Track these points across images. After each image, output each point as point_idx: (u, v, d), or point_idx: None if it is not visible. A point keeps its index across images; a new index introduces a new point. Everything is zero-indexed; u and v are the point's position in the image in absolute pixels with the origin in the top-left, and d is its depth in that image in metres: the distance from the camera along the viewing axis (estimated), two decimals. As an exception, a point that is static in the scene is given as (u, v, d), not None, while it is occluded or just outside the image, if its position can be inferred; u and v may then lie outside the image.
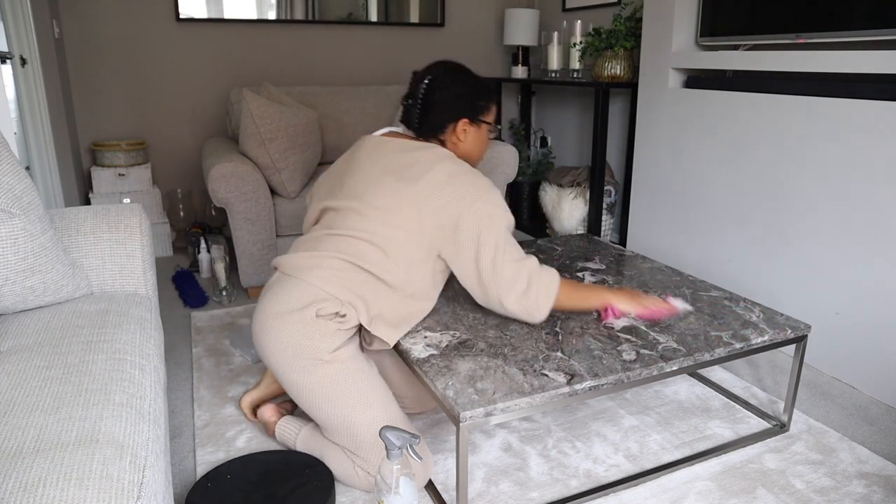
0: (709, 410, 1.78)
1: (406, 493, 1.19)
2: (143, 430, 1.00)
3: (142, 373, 1.18)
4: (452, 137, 1.56)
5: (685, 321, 1.57)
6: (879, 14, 1.74)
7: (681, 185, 2.47)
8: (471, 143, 1.59)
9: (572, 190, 3.09)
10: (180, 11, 3.11)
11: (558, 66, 3.29)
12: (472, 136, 1.58)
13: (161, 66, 3.16)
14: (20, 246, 1.27)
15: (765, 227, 2.14)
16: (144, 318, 1.43)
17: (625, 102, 3.16)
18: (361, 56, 3.53)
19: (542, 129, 3.82)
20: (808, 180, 1.97)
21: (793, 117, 1.99)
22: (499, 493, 1.44)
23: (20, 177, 1.30)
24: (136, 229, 1.60)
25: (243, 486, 1.36)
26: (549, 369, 1.33)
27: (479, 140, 1.60)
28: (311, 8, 3.33)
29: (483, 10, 3.74)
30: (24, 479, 0.82)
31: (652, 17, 2.49)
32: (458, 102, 1.54)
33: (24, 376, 1.09)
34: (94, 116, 3.12)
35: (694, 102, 2.36)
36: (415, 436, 1.19)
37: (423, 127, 1.55)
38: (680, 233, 2.51)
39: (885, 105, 1.72)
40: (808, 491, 1.44)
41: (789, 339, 1.56)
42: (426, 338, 1.46)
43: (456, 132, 1.56)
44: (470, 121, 1.56)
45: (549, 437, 1.64)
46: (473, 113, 1.56)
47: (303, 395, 1.40)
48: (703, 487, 1.46)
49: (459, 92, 1.54)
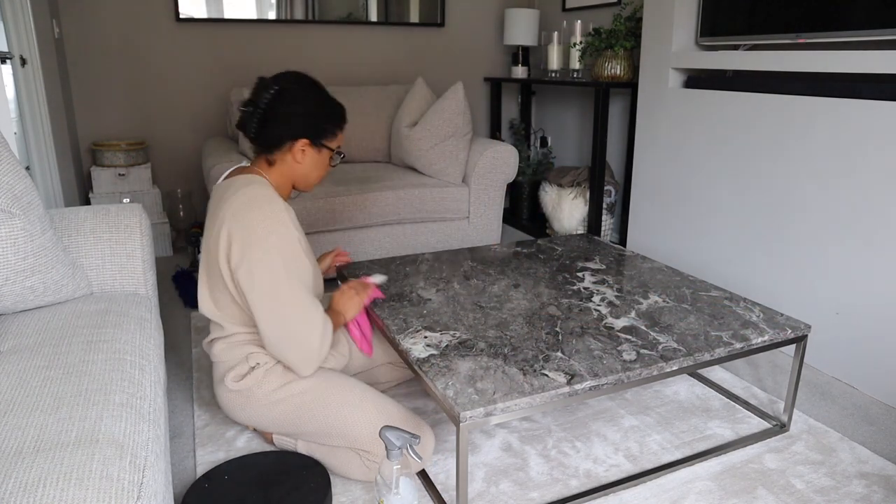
0: (709, 410, 1.78)
1: (406, 493, 1.19)
2: (143, 430, 1.00)
3: (142, 373, 1.18)
4: (288, 156, 1.45)
5: (685, 321, 1.57)
6: (879, 14, 1.74)
7: (681, 185, 2.47)
8: (307, 167, 1.47)
9: (572, 190, 3.09)
10: (180, 11, 3.11)
11: (558, 66, 3.29)
12: (311, 159, 1.47)
13: (161, 66, 3.16)
14: (20, 246, 1.27)
15: (765, 227, 2.13)
16: (144, 318, 1.43)
17: (625, 102, 3.15)
18: (361, 56, 3.53)
19: (542, 129, 3.82)
20: (808, 180, 1.97)
21: (793, 117, 1.99)
22: (499, 493, 1.43)
23: (20, 177, 1.30)
24: (136, 229, 1.60)
25: (241, 486, 1.36)
26: (549, 369, 1.33)
27: (317, 165, 1.49)
28: (311, 8, 3.33)
29: (483, 10, 3.74)
30: (24, 479, 0.82)
31: (652, 17, 2.49)
32: (303, 120, 1.42)
33: (24, 376, 1.09)
34: (94, 116, 3.12)
35: (694, 102, 2.36)
36: (415, 436, 1.19)
37: (259, 138, 1.44)
38: (680, 233, 2.51)
39: (885, 105, 1.72)
40: (808, 491, 1.44)
41: (789, 339, 1.56)
42: (426, 338, 1.46)
43: (293, 151, 1.44)
44: (311, 142, 1.44)
45: (549, 437, 1.64)
46: (317, 135, 1.45)
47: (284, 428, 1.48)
48: (703, 487, 1.46)
49: (306, 110, 1.42)
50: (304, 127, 1.43)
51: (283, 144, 1.44)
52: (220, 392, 1.52)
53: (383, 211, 2.70)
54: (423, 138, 2.83)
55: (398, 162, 3.12)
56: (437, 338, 1.46)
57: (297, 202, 2.56)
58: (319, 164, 1.49)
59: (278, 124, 1.41)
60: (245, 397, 1.46)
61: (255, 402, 1.46)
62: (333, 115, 1.47)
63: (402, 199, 2.72)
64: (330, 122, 1.47)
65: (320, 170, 1.51)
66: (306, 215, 2.56)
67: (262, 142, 1.45)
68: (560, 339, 1.47)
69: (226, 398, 1.51)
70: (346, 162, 3.18)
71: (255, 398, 1.45)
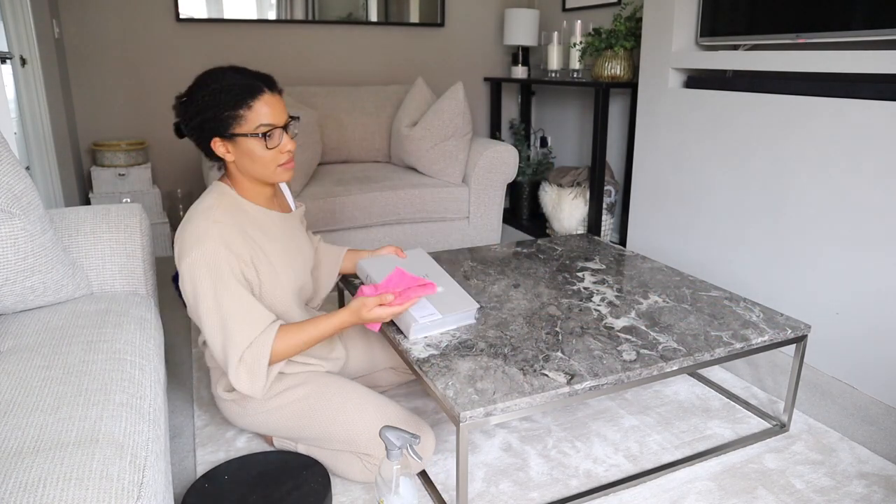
0: (709, 410, 1.78)
1: (406, 493, 1.19)
2: (143, 430, 1.00)
3: (142, 373, 1.18)
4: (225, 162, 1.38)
5: (685, 321, 1.57)
6: (879, 14, 1.74)
7: (681, 185, 2.47)
8: (243, 161, 1.34)
9: (572, 190, 3.09)
10: (180, 11, 3.11)
11: (558, 66, 3.29)
12: (236, 153, 1.34)
13: (161, 66, 3.16)
14: (20, 246, 1.27)
15: (765, 227, 2.13)
16: (144, 318, 1.43)
17: (625, 102, 3.16)
18: (361, 56, 3.53)
19: (542, 129, 3.82)
20: (808, 180, 1.97)
21: (793, 117, 1.99)
22: (499, 493, 1.43)
23: (20, 177, 1.30)
24: (136, 229, 1.60)
25: (241, 486, 1.36)
26: (549, 369, 1.33)
27: (250, 155, 1.33)
28: (311, 8, 3.33)
29: (483, 10, 3.74)
30: (24, 479, 0.82)
31: (652, 17, 2.49)
32: (200, 123, 1.31)
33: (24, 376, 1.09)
34: (94, 116, 3.12)
35: (694, 102, 2.36)
36: (415, 436, 1.19)
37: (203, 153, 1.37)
38: (680, 233, 2.51)
39: (885, 105, 1.72)
40: (808, 491, 1.44)
41: (789, 339, 1.56)
42: (426, 337, 1.46)
43: (220, 154, 1.35)
44: (221, 139, 1.32)
45: (549, 437, 1.64)
46: (220, 128, 1.31)
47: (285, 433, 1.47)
48: (703, 487, 1.46)
49: (201, 106, 1.29)
50: (206, 126, 1.31)
51: (209, 150, 1.35)
52: (216, 399, 1.52)
53: (383, 211, 2.70)
54: (423, 138, 2.83)
55: (398, 162, 3.12)
56: (437, 338, 1.46)
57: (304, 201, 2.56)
58: (253, 154, 1.33)
59: (193, 133, 1.34)
60: (241, 406, 1.46)
61: (251, 410, 1.46)
62: (229, 97, 1.29)
63: (402, 199, 2.72)
64: (226, 107, 1.29)
65: (261, 158, 1.33)
66: (306, 215, 2.56)
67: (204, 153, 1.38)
68: (560, 339, 1.47)
69: (222, 406, 1.51)
70: (347, 162, 3.18)
71: (250, 407, 1.45)
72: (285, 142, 1.36)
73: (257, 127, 1.31)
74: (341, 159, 3.16)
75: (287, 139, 1.37)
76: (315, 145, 2.70)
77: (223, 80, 1.30)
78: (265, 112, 1.31)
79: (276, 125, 1.33)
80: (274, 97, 1.34)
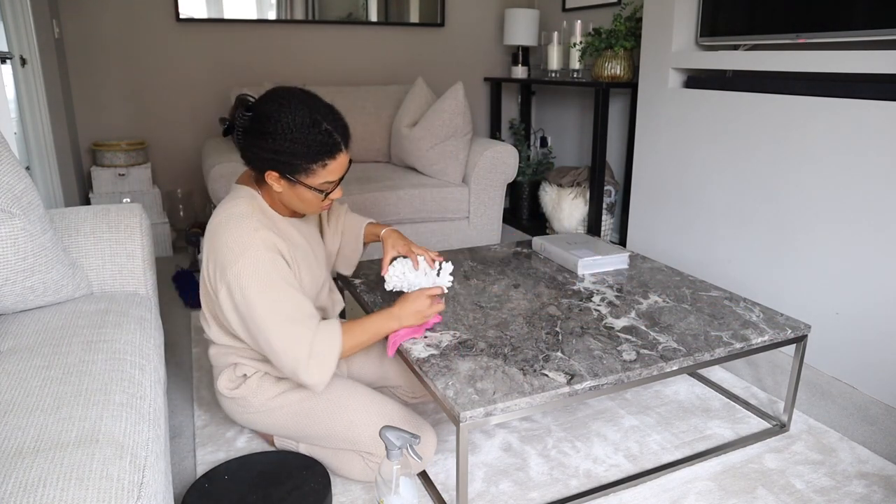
0: (709, 410, 1.78)
1: (406, 493, 1.19)
2: (143, 430, 1.00)
3: (142, 373, 1.18)
4: (265, 184, 1.36)
5: (685, 321, 1.57)
6: (879, 14, 1.74)
7: (681, 185, 2.47)
8: (289, 197, 1.35)
9: (572, 190, 3.09)
10: (180, 12, 3.11)
11: (558, 66, 3.29)
12: (288, 190, 1.34)
13: (161, 66, 3.16)
14: (20, 246, 1.27)
15: (765, 227, 2.13)
16: (144, 318, 1.43)
17: (625, 102, 3.15)
18: (361, 56, 3.53)
19: (542, 129, 3.82)
20: (808, 180, 1.97)
21: (793, 117, 1.99)
22: (499, 493, 1.43)
23: (20, 177, 1.30)
24: (136, 229, 1.60)
25: (241, 486, 1.36)
26: (549, 369, 1.33)
27: (300, 197, 1.34)
28: (311, 8, 3.33)
29: (483, 10, 3.74)
30: (24, 479, 0.82)
31: (652, 17, 2.49)
32: (271, 155, 1.28)
33: (24, 376, 1.09)
34: (94, 116, 3.12)
35: (694, 102, 2.36)
36: (415, 436, 1.19)
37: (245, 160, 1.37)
38: (680, 233, 2.51)
39: (885, 105, 1.72)
40: (808, 491, 1.44)
41: (789, 339, 1.56)
42: (426, 337, 1.46)
43: (268, 179, 1.33)
44: (280, 175, 1.31)
45: (549, 437, 1.64)
46: (287, 171, 1.30)
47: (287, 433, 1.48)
48: (703, 487, 1.46)
49: (275, 144, 1.26)
50: (271, 162, 1.29)
51: (257, 168, 1.34)
52: (218, 396, 1.52)
53: (383, 211, 2.70)
54: (423, 138, 2.83)
55: (398, 162, 3.12)
56: (437, 338, 1.46)
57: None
58: (304, 198, 1.34)
59: (249, 151, 1.32)
60: (242, 405, 1.47)
61: (252, 409, 1.46)
62: (309, 151, 1.27)
63: (402, 199, 2.72)
64: (305, 158, 1.27)
65: (310, 203, 1.36)
66: (306, 215, 2.56)
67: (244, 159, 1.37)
68: (560, 339, 1.47)
69: (223, 403, 1.52)
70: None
71: (251, 406, 1.46)
72: (336, 191, 1.38)
73: (322, 184, 1.33)
74: (341, 159, 3.16)
75: (338, 189, 1.38)
76: (315, 145, 2.71)
77: (308, 124, 1.26)
78: (334, 171, 1.33)
79: (337, 182, 1.36)
80: (346, 156, 1.35)
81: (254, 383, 1.45)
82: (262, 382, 1.46)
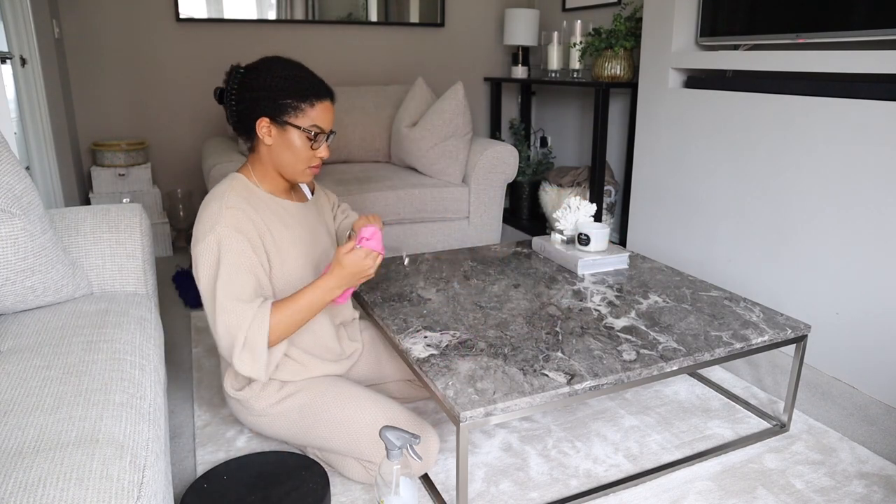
0: (709, 410, 1.78)
1: (406, 493, 1.19)
2: (143, 430, 1.00)
3: (142, 373, 1.18)
4: (259, 144, 1.39)
5: (685, 321, 1.57)
6: (879, 14, 1.74)
7: (681, 185, 2.47)
8: (280, 150, 1.37)
9: (572, 190, 3.09)
10: (180, 11, 3.11)
11: (558, 66, 3.28)
12: (277, 140, 1.36)
13: (161, 66, 3.16)
14: (20, 246, 1.27)
15: (765, 227, 2.13)
16: (144, 318, 1.43)
17: (625, 102, 3.15)
18: (361, 56, 3.53)
19: (542, 129, 3.82)
20: (808, 180, 1.97)
21: (793, 117, 1.99)
22: (499, 493, 1.43)
23: (20, 177, 1.30)
24: (136, 229, 1.60)
25: (239, 487, 1.36)
26: (549, 369, 1.33)
27: (290, 147, 1.36)
28: (311, 8, 3.33)
29: (483, 10, 3.74)
30: (24, 479, 0.82)
31: (652, 17, 2.49)
32: (261, 95, 1.33)
33: (24, 376, 1.09)
34: (94, 116, 3.12)
35: (694, 102, 2.36)
36: (415, 436, 1.19)
37: (233, 124, 1.39)
38: (680, 233, 2.51)
39: (885, 105, 1.72)
40: (808, 491, 1.44)
41: (789, 339, 1.56)
42: (426, 338, 1.46)
43: (259, 134, 1.36)
44: (271, 120, 1.35)
45: (549, 437, 1.64)
46: (276, 111, 1.33)
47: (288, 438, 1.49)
48: (703, 487, 1.46)
49: (266, 84, 1.32)
50: (261, 103, 1.33)
51: (249, 127, 1.36)
52: (224, 394, 1.52)
53: (383, 211, 2.70)
54: (423, 138, 2.83)
55: (398, 162, 3.12)
56: (437, 338, 1.46)
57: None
58: (293, 147, 1.36)
59: (241, 105, 1.35)
60: (245, 408, 1.47)
61: (255, 412, 1.46)
62: (297, 88, 1.33)
63: (402, 199, 2.72)
64: (291, 96, 1.33)
65: (299, 153, 1.37)
66: (306, 215, 2.56)
67: (235, 127, 1.39)
68: (560, 339, 1.47)
69: (229, 402, 1.52)
70: (347, 162, 3.18)
71: (254, 410, 1.46)
72: (323, 148, 1.41)
73: (311, 125, 1.36)
74: (341, 159, 3.16)
75: (325, 147, 1.42)
76: (315, 145, 2.71)
77: (295, 69, 1.36)
78: (322, 116, 1.37)
79: (325, 131, 1.39)
80: (332, 107, 1.40)
81: (257, 387, 1.45)
82: (266, 387, 1.45)
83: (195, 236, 1.36)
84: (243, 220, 1.34)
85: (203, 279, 1.33)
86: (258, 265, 1.35)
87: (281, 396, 1.45)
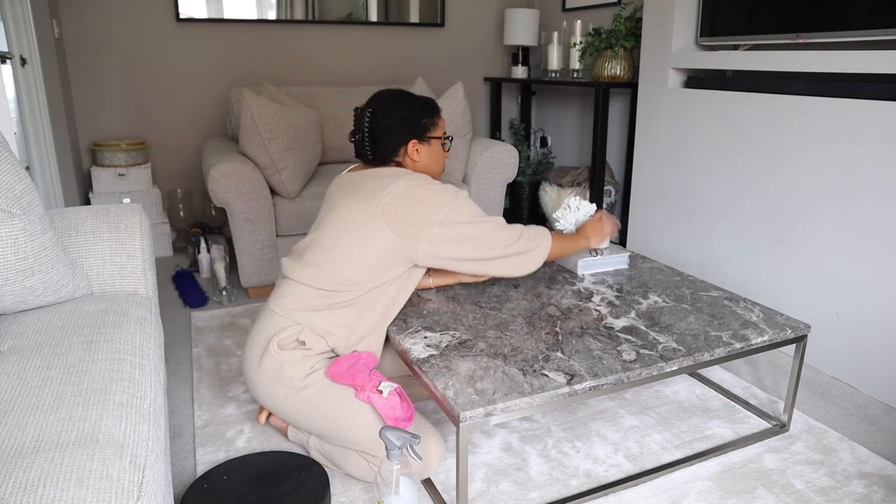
0: (709, 410, 1.78)
1: (406, 493, 1.19)
2: (143, 430, 1.00)
3: (142, 373, 1.18)
4: (406, 159, 1.61)
5: (685, 321, 1.57)
6: (879, 14, 1.74)
7: (681, 185, 2.47)
8: (426, 160, 1.63)
9: (572, 190, 3.09)
10: (180, 11, 3.11)
11: (558, 66, 3.28)
12: (426, 153, 1.62)
13: (161, 66, 3.16)
14: (20, 246, 1.27)
15: (765, 227, 2.13)
16: (144, 318, 1.43)
17: (625, 102, 3.15)
18: (361, 56, 3.53)
19: (542, 129, 3.82)
20: (808, 180, 1.97)
21: (793, 117, 1.99)
22: (499, 493, 1.44)
23: (20, 177, 1.30)
24: (136, 229, 1.60)
25: (239, 487, 1.36)
26: (549, 369, 1.33)
27: (433, 156, 1.64)
28: (311, 8, 3.33)
29: (483, 10, 3.74)
30: (24, 479, 0.82)
31: (652, 17, 2.49)
32: (403, 126, 1.57)
33: (24, 376, 1.09)
34: (94, 116, 3.12)
35: (694, 102, 2.36)
36: (415, 436, 1.19)
37: (377, 158, 1.59)
38: (680, 233, 2.51)
39: (885, 105, 1.72)
40: (808, 491, 1.44)
41: (789, 339, 1.56)
42: (426, 338, 1.46)
43: (408, 154, 1.60)
44: (419, 140, 1.60)
45: (549, 437, 1.64)
46: (420, 132, 1.60)
47: (293, 420, 1.47)
48: (703, 487, 1.46)
49: (401, 116, 1.57)
50: (407, 130, 1.57)
51: (398, 152, 1.58)
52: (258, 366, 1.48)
53: (383, 211, 2.70)
54: (423, 138, 2.83)
55: (398, 162, 3.11)
56: (437, 338, 1.46)
57: (304, 201, 2.56)
58: (434, 154, 1.64)
59: (386, 138, 1.56)
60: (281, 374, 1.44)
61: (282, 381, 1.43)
62: (425, 109, 1.61)
63: (402, 199, 2.72)
64: (424, 116, 1.60)
65: (438, 157, 1.66)
66: (307, 216, 2.56)
67: (382, 157, 1.58)
68: (560, 339, 1.47)
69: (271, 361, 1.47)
70: (347, 162, 3.18)
71: (283, 376, 1.43)
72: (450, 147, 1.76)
73: (443, 134, 1.66)
74: (342, 159, 3.16)
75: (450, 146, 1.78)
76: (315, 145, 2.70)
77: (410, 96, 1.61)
78: (444, 124, 1.68)
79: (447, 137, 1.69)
80: None
81: (299, 354, 1.44)
82: (304, 360, 1.44)
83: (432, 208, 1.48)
84: None
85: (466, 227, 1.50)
86: None
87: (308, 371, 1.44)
